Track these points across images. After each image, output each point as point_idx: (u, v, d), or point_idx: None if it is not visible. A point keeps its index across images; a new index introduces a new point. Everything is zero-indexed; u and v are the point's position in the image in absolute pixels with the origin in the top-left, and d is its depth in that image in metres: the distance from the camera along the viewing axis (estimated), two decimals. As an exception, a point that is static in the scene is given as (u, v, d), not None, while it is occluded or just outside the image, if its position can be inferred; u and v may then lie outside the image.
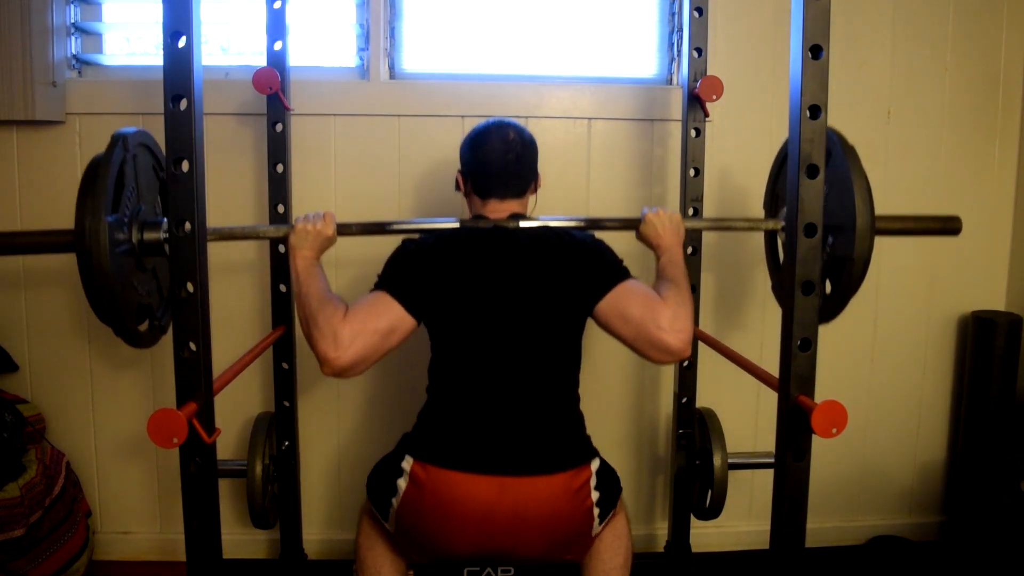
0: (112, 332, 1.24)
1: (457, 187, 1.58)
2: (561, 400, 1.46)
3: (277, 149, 1.84)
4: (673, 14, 2.13)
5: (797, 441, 1.25)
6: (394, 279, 1.41)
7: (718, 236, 2.11)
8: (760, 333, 2.16)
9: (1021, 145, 2.20)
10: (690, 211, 1.89)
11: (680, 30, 2.08)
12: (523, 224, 1.49)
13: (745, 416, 2.18)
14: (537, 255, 1.45)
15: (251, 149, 2.00)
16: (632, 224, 1.58)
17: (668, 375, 2.14)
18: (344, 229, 1.51)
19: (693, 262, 1.92)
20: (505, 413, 1.40)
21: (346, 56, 2.11)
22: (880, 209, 1.37)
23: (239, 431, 2.07)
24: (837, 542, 2.25)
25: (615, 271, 1.44)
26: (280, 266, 1.87)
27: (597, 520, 1.43)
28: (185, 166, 1.15)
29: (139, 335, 1.32)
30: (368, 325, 1.33)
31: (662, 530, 2.21)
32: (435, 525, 1.37)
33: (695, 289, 1.92)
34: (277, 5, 1.79)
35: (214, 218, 1.30)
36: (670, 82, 2.14)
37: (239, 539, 2.10)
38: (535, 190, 1.59)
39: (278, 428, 1.92)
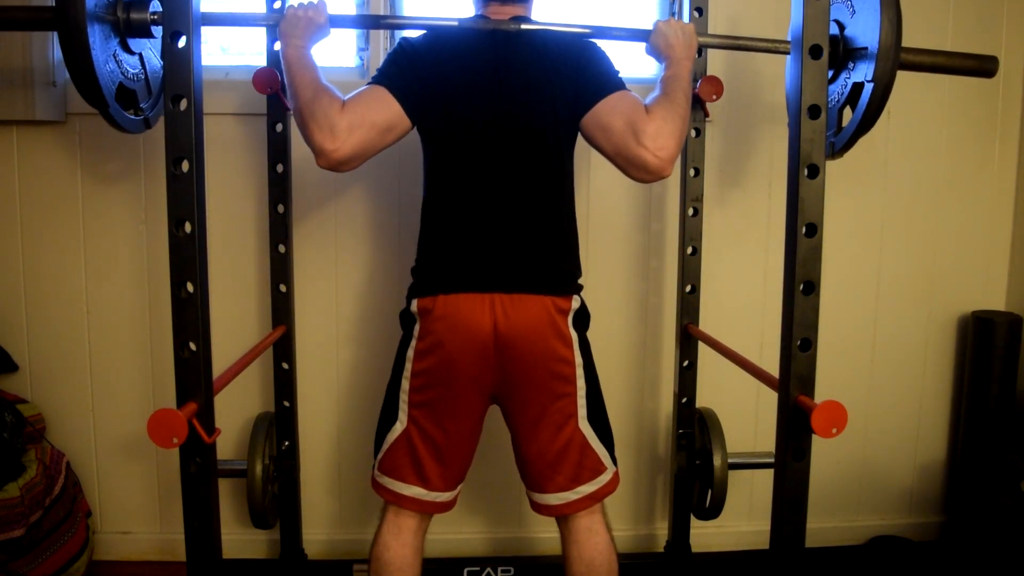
0: (114, 332, 1.24)
1: None
2: (551, 218, 1.43)
3: (277, 149, 1.84)
4: (673, 14, 2.12)
5: (797, 441, 1.25)
6: (392, 76, 1.38)
7: (722, 241, 2.11)
8: (760, 333, 2.16)
9: (1021, 145, 2.20)
10: (690, 211, 1.89)
11: (680, 30, 2.07)
12: (524, 26, 1.43)
13: (745, 416, 2.18)
14: (534, 59, 1.41)
15: (251, 149, 2.00)
16: (641, 35, 1.49)
17: (668, 375, 2.14)
18: (337, 21, 1.45)
19: (693, 261, 1.92)
20: (494, 231, 1.39)
21: (346, 56, 2.11)
22: (880, 211, 1.37)
23: (239, 431, 2.07)
24: (837, 542, 2.25)
25: (608, 80, 1.40)
26: (280, 266, 1.87)
27: (582, 380, 1.43)
28: (185, 166, 1.15)
29: (124, 116, 1.31)
30: (366, 118, 1.31)
31: (662, 530, 2.21)
32: (447, 348, 1.37)
33: (694, 290, 1.92)
34: (277, 5, 1.79)
35: (214, 218, 1.30)
36: (670, 82, 2.14)
37: (239, 539, 2.10)
38: None
39: (278, 428, 1.92)
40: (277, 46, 1.79)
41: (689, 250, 1.90)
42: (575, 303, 1.44)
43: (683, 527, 2.04)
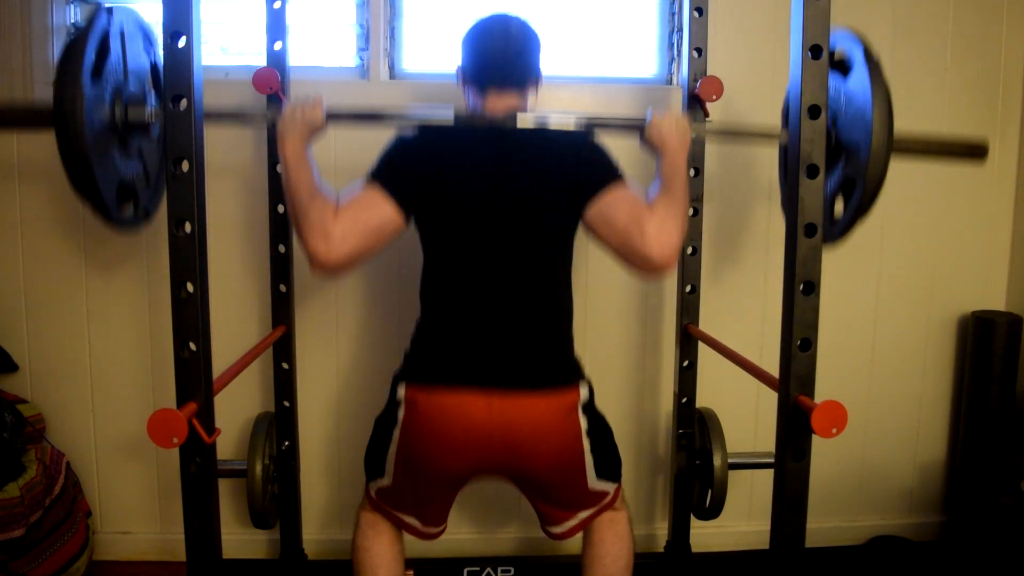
0: (114, 334, 1.24)
1: (457, 80, 1.53)
2: (551, 311, 1.42)
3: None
4: (673, 14, 2.13)
5: (797, 441, 1.25)
6: (386, 174, 1.38)
7: (722, 241, 2.12)
8: (760, 333, 2.16)
9: (1021, 145, 2.20)
10: (690, 211, 1.89)
11: (680, 30, 2.08)
12: (520, 121, 1.40)
13: (745, 416, 2.18)
14: (532, 155, 1.40)
15: (251, 149, 2.00)
16: (636, 125, 1.47)
17: (668, 375, 2.14)
18: (334, 116, 1.44)
19: (692, 261, 1.92)
20: (493, 323, 1.37)
21: (346, 56, 2.11)
22: (880, 212, 1.36)
23: (239, 431, 2.07)
24: (837, 542, 2.25)
25: (608, 174, 1.39)
26: (280, 266, 1.87)
27: (590, 457, 1.41)
28: (185, 166, 1.15)
29: (121, 216, 1.29)
30: (359, 222, 1.31)
31: (662, 530, 2.21)
32: (430, 444, 1.36)
33: (694, 290, 1.92)
34: (277, 5, 1.79)
35: (214, 218, 1.30)
36: (670, 82, 2.14)
37: (239, 539, 2.10)
38: (536, 88, 1.50)
39: (278, 428, 1.92)
40: (277, 45, 1.80)
41: (689, 250, 1.90)
42: (583, 390, 1.41)
43: (683, 527, 2.04)
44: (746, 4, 2.07)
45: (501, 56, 1.45)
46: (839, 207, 1.39)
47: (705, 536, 2.17)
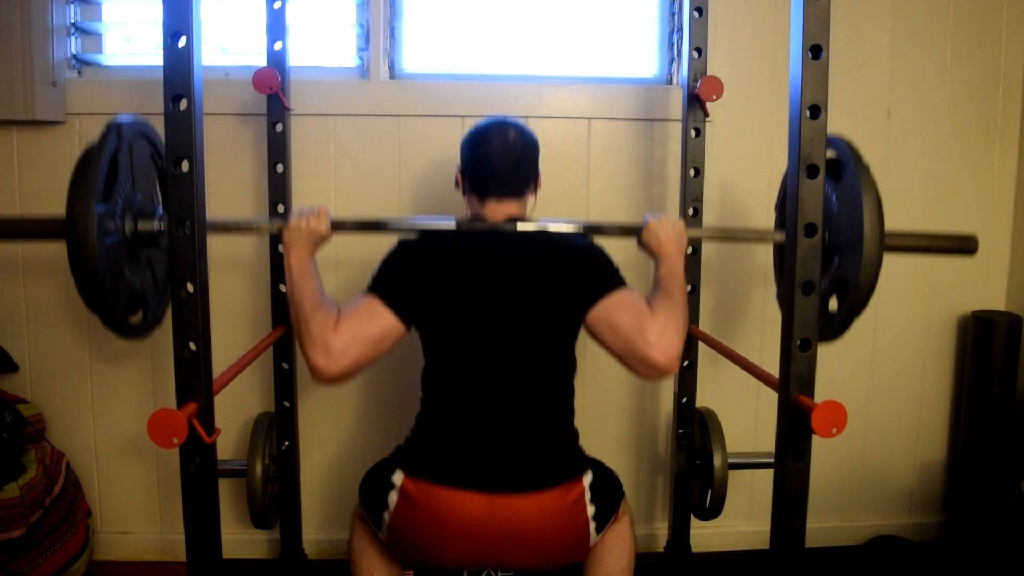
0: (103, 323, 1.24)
1: (456, 185, 1.56)
2: (553, 412, 1.44)
3: (277, 149, 1.84)
4: (673, 14, 2.13)
5: (797, 441, 1.25)
6: (387, 284, 1.40)
7: (722, 242, 2.12)
8: (760, 334, 2.16)
9: (1021, 145, 2.20)
10: (690, 211, 1.89)
11: (680, 30, 2.08)
12: (520, 227, 1.46)
13: (745, 416, 2.18)
14: (533, 259, 1.43)
15: (251, 149, 2.00)
16: (633, 230, 1.53)
17: (668, 375, 2.14)
18: (339, 226, 1.47)
19: (692, 262, 1.92)
20: (496, 426, 1.38)
21: (346, 56, 2.11)
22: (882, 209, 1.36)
23: (239, 431, 2.07)
24: (837, 542, 2.25)
25: (609, 279, 1.42)
26: (280, 266, 1.87)
27: (594, 532, 1.41)
28: (185, 166, 1.15)
29: (130, 326, 1.30)
30: (359, 334, 1.32)
31: (662, 530, 2.21)
32: (428, 539, 1.36)
33: (694, 290, 1.92)
34: (277, 5, 1.79)
35: (214, 218, 1.30)
36: (670, 82, 2.14)
37: (239, 539, 2.10)
38: (535, 191, 1.56)
39: (278, 428, 1.92)
40: (277, 45, 1.80)
41: (689, 250, 1.90)
42: (587, 479, 1.41)
43: (683, 527, 2.04)
44: (746, 4, 2.07)
45: (500, 167, 1.47)
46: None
47: (705, 536, 2.17)
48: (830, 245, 1.38)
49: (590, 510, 1.39)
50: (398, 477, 1.37)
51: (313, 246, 1.44)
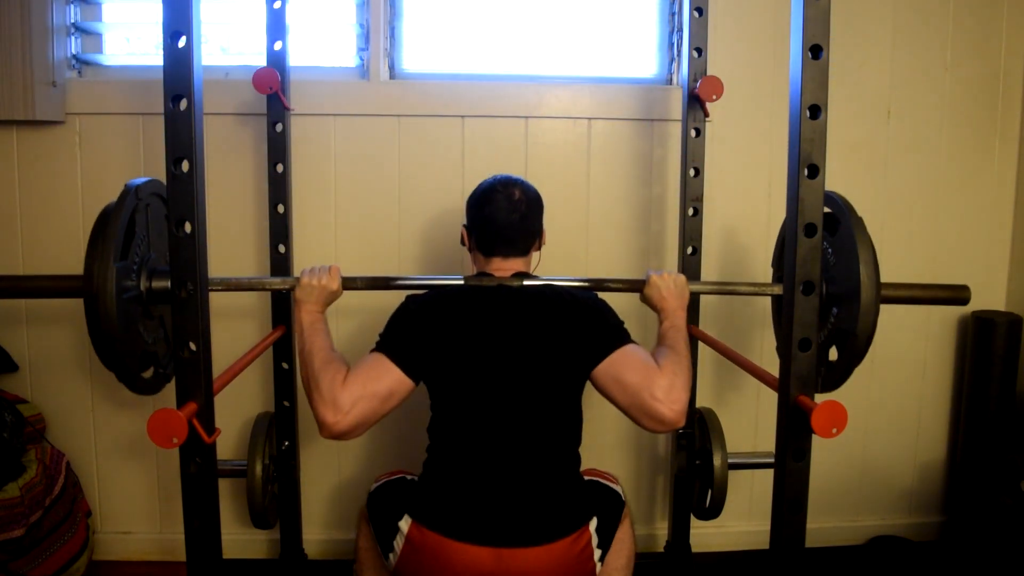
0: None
1: (463, 242, 1.59)
2: (560, 464, 1.46)
3: (277, 149, 1.84)
4: (673, 14, 2.13)
5: (797, 441, 1.25)
6: (394, 341, 1.41)
7: (722, 242, 2.12)
8: (760, 334, 2.16)
9: (1021, 145, 2.20)
10: (690, 211, 1.89)
11: (680, 30, 2.08)
12: (526, 283, 1.48)
13: (745, 416, 2.18)
14: (539, 315, 1.45)
15: (251, 149, 2.00)
16: (636, 286, 1.57)
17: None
18: (349, 283, 1.51)
19: (692, 262, 1.92)
20: (503, 479, 1.39)
21: (346, 56, 2.11)
22: (880, 211, 1.37)
23: (239, 431, 2.07)
24: (837, 542, 2.25)
25: (615, 335, 1.44)
26: (280, 266, 1.87)
27: (599, 563, 1.43)
28: (185, 166, 1.15)
29: (143, 382, 1.33)
30: (367, 390, 1.33)
31: (662, 530, 2.21)
32: None
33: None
34: (277, 5, 1.79)
35: (214, 218, 1.31)
36: (670, 82, 2.14)
37: (239, 539, 2.10)
38: (539, 247, 1.59)
39: (278, 428, 1.92)
40: (277, 45, 1.80)
41: (689, 250, 1.90)
42: (593, 523, 1.42)
43: (683, 527, 2.04)
44: (746, 4, 2.07)
45: (506, 226, 1.51)
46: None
47: (705, 536, 2.17)
48: (827, 297, 1.41)
49: (597, 553, 1.41)
50: (405, 524, 1.39)
51: (324, 303, 1.48)
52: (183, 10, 1.12)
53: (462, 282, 1.50)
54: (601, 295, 1.55)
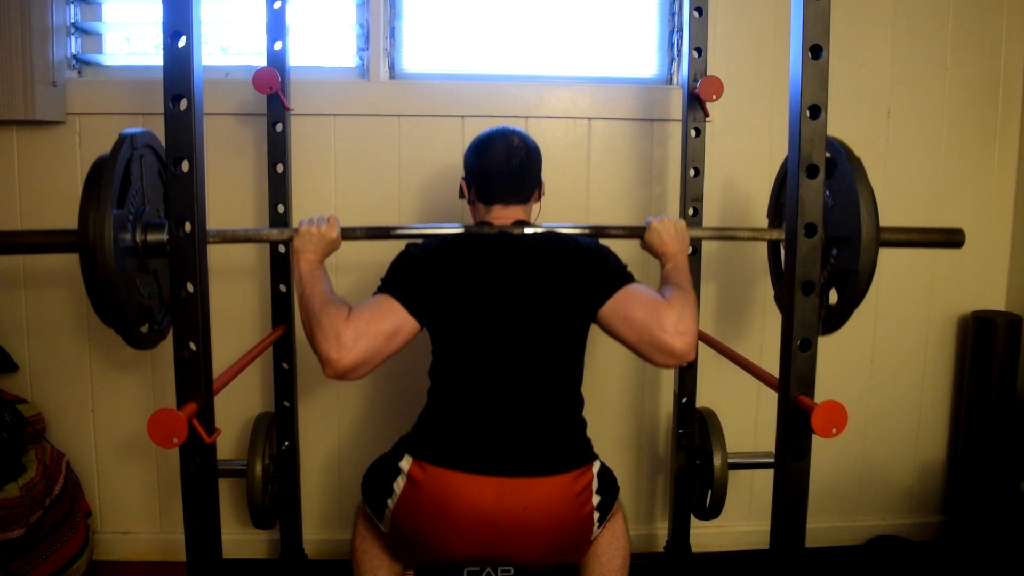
0: (113, 333, 1.24)
1: (461, 194, 1.58)
2: (563, 404, 1.45)
3: (277, 149, 1.84)
4: (673, 14, 2.13)
5: (797, 441, 1.25)
6: (398, 282, 1.40)
7: (719, 244, 2.12)
8: (760, 334, 2.16)
9: (1021, 145, 2.20)
10: (690, 211, 1.89)
11: (680, 30, 2.08)
12: (527, 230, 1.48)
13: (745, 416, 2.18)
14: (541, 260, 1.44)
15: (251, 149, 2.00)
16: (637, 232, 1.57)
17: (668, 375, 2.14)
18: (348, 233, 1.50)
19: (693, 262, 1.92)
20: (507, 416, 1.39)
21: (346, 56, 2.11)
22: (880, 210, 1.37)
23: (239, 431, 2.07)
24: (837, 542, 2.25)
25: (619, 275, 1.44)
26: (280, 266, 1.87)
27: (597, 524, 1.42)
28: (185, 166, 1.15)
29: (140, 335, 1.32)
30: (372, 327, 1.32)
31: (662, 530, 2.21)
32: (432, 527, 1.36)
33: (695, 290, 1.92)
34: (277, 5, 1.79)
35: (214, 218, 1.30)
36: (670, 82, 2.15)
37: (239, 539, 2.10)
38: (539, 197, 1.58)
39: (278, 428, 1.92)
40: (277, 45, 1.80)
41: (689, 250, 1.90)
42: (595, 467, 1.43)
43: (683, 527, 2.04)
44: (746, 4, 2.07)
45: (505, 173, 1.50)
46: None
47: (705, 536, 2.17)
48: (827, 240, 1.39)
49: (596, 500, 1.40)
50: (406, 463, 1.38)
51: (323, 252, 1.46)
52: (183, 10, 1.12)
53: (462, 230, 1.49)
54: (603, 242, 1.54)
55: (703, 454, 1.92)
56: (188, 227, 1.17)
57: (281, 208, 1.85)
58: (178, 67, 1.13)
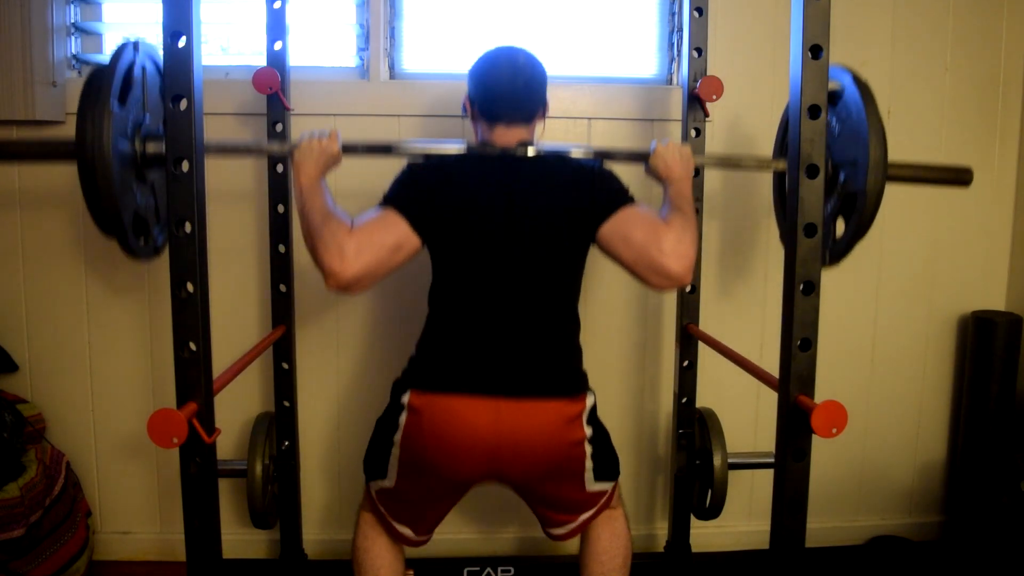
0: (113, 332, 1.25)
1: (464, 112, 1.56)
2: (561, 326, 1.45)
3: (277, 149, 1.84)
4: (673, 14, 2.13)
5: (797, 441, 1.25)
6: (401, 197, 1.40)
7: (721, 223, 2.11)
8: (760, 333, 2.16)
9: (1021, 145, 2.20)
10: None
11: (680, 30, 2.08)
12: (531, 151, 1.45)
13: (745, 416, 2.18)
14: (543, 180, 1.43)
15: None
16: (641, 156, 1.54)
17: (668, 375, 2.14)
18: (349, 148, 1.46)
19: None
20: (504, 336, 1.39)
21: (346, 56, 2.11)
22: (879, 211, 1.37)
23: (239, 431, 2.07)
24: (837, 542, 2.25)
25: (620, 196, 1.43)
26: (281, 266, 1.87)
27: (590, 462, 1.42)
28: (185, 166, 1.15)
29: (137, 245, 1.30)
30: (375, 239, 1.32)
31: (662, 530, 2.21)
32: (435, 451, 1.36)
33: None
34: (277, 5, 1.79)
35: (214, 219, 1.30)
36: (670, 82, 2.14)
37: (239, 539, 2.10)
38: (543, 117, 1.54)
39: (278, 428, 1.93)
40: (277, 45, 1.80)
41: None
42: (589, 400, 1.43)
43: (683, 527, 2.04)
44: (746, 4, 2.07)
45: (509, 91, 1.47)
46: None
47: (705, 536, 2.17)
48: (833, 167, 1.39)
49: (587, 431, 1.41)
50: (406, 396, 1.38)
51: (324, 166, 1.42)
52: (183, 10, 1.12)
53: (464, 149, 1.47)
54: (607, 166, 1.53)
55: (703, 454, 1.92)
56: (188, 227, 1.17)
57: (281, 209, 1.85)
58: (178, 67, 1.13)
